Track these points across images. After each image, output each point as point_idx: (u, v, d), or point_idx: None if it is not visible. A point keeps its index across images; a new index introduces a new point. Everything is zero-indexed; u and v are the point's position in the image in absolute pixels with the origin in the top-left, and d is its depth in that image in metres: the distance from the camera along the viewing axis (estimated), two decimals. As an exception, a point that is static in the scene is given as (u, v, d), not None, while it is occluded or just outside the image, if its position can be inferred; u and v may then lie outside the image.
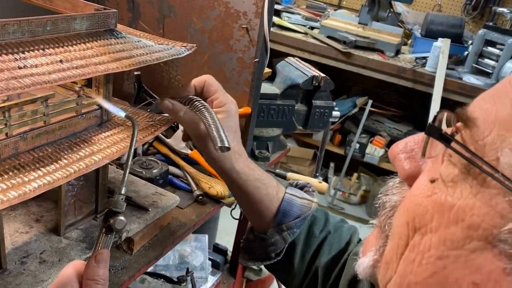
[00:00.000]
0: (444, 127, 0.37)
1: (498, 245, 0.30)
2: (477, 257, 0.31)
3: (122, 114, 0.70)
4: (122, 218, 0.59)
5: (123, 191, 0.61)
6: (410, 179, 0.40)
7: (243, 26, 1.18)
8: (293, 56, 1.72)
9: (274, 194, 0.81)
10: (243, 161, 0.80)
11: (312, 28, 3.18)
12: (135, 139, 0.63)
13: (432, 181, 0.36)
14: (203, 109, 0.76)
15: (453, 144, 0.34)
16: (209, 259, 1.67)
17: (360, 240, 0.85)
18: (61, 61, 0.65)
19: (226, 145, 0.72)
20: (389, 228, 0.41)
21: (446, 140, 0.34)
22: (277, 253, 0.82)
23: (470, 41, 3.02)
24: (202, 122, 0.75)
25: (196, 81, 0.81)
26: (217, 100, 0.81)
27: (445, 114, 0.37)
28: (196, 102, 0.78)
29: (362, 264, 0.45)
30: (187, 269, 1.53)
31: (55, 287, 0.56)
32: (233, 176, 0.79)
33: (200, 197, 1.13)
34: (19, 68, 0.59)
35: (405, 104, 3.45)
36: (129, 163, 0.62)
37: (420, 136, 0.42)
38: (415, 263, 0.35)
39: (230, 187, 0.84)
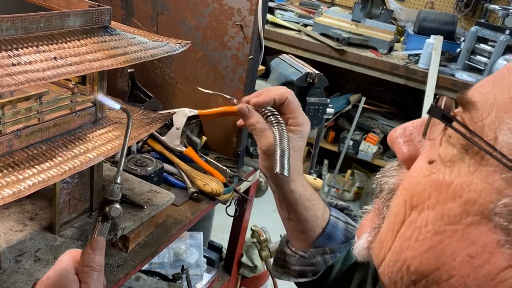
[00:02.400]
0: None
1: (493, 219, 0.32)
2: (473, 230, 0.33)
3: (117, 106, 0.70)
4: (117, 206, 0.61)
5: (118, 180, 0.62)
6: (409, 162, 0.41)
7: (237, 23, 1.18)
8: (287, 53, 1.72)
9: (321, 216, 0.81)
10: (300, 180, 0.80)
11: (305, 25, 3.18)
12: (129, 130, 0.64)
13: (430, 162, 0.37)
14: (277, 126, 0.76)
15: (454, 124, 0.35)
16: (204, 256, 1.67)
17: None
18: (55, 58, 0.64)
19: (285, 173, 0.72)
20: (387, 210, 0.43)
21: (448, 120, 0.36)
22: (314, 273, 0.82)
23: (462, 38, 3.04)
24: (273, 138, 0.75)
25: (277, 95, 0.79)
26: (295, 120, 0.80)
27: (445, 99, 0.38)
28: (272, 117, 0.77)
29: (358, 246, 0.46)
30: (182, 266, 1.53)
31: (52, 274, 0.57)
32: (287, 193, 0.79)
33: (195, 194, 1.13)
34: (13, 65, 0.59)
35: (398, 101, 3.47)
36: (124, 153, 0.63)
37: (418, 121, 0.43)
38: (412, 239, 0.37)
39: (279, 201, 0.83)
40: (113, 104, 0.73)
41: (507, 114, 0.33)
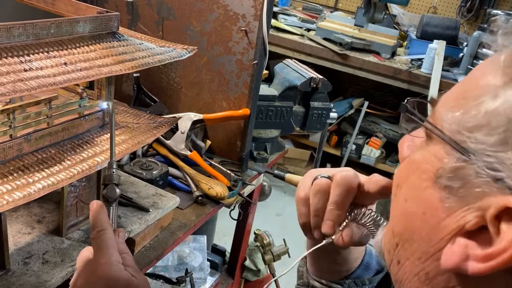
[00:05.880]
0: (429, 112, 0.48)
1: (437, 181, 0.40)
2: (425, 193, 0.42)
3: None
4: (114, 187, 0.66)
5: (114, 166, 0.68)
6: None
7: (242, 28, 1.20)
8: (289, 57, 1.73)
9: (363, 249, 0.73)
10: None
11: (308, 30, 3.19)
12: (113, 120, 0.72)
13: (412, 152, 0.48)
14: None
15: (414, 117, 0.46)
16: (208, 259, 1.67)
17: None
18: (65, 63, 0.66)
19: None
20: None
21: (410, 113, 0.46)
22: None
23: (465, 43, 3.04)
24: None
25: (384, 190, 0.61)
26: None
27: (413, 99, 0.49)
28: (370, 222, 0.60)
29: (376, 240, 0.53)
30: (186, 270, 1.54)
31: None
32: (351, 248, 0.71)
33: (199, 198, 1.14)
34: (25, 70, 0.60)
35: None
36: (113, 140, 0.69)
37: (420, 129, 0.51)
38: (395, 209, 0.47)
39: (336, 260, 0.70)
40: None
41: (451, 102, 0.42)
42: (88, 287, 0.58)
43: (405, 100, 0.48)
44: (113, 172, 0.67)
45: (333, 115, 1.53)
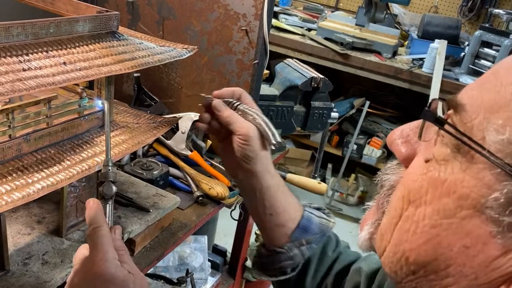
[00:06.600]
0: (440, 113, 0.41)
1: (485, 212, 0.34)
2: (467, 223, 0.36)
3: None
4: (110, 184, 0.66)
5: (110, 163, 0.68)
6: (407, 161, 0.44)
7: (243, 28, 1.19)
8: (291, 57, 1.73)
9: (297, 204, 0.80)
10: (272, 166, 0.79)
11: (309, 29, 3.19)
12: (108, 117, 0.74)
13: (427, 161, 0.40)
14: (249, 109, 0.78)
15: (445, 127, 0.38)
16: (209, 260, 1.67)
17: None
18: (64, 63, 0.65)
19: (279, 140, 0.75)
20: (387, 204, 0.45)
21: (440, 123, 0.39)
22: (293, 269, 0.81)
23: (466, 43, 3.04)
24: (252, 121, 0.76)
25: (233, 89, 0.81)
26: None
27: (439, 102, 0.41)
28: (240, 105, 0.79)
29: (360, 238, 0.49)
30: (187, 270, 1.53)
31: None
32: (265, 179, 0.76)
33: (200, 198, 1.14)
34: (24, 70, 0.60)
35: (402, 105, 3.47)
36: (109, 137, 0.70)
37: (414, 123, 0.46)
38: (409, 232, 0.40)
39: (261, 198, 0.78)
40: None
41: (493, 115, 0.35)
42: (85, 285, 0.57)
43: (428, 104, 0.41)
44: (109, 170, 0.67)
45: (334, 115, 1.52)
